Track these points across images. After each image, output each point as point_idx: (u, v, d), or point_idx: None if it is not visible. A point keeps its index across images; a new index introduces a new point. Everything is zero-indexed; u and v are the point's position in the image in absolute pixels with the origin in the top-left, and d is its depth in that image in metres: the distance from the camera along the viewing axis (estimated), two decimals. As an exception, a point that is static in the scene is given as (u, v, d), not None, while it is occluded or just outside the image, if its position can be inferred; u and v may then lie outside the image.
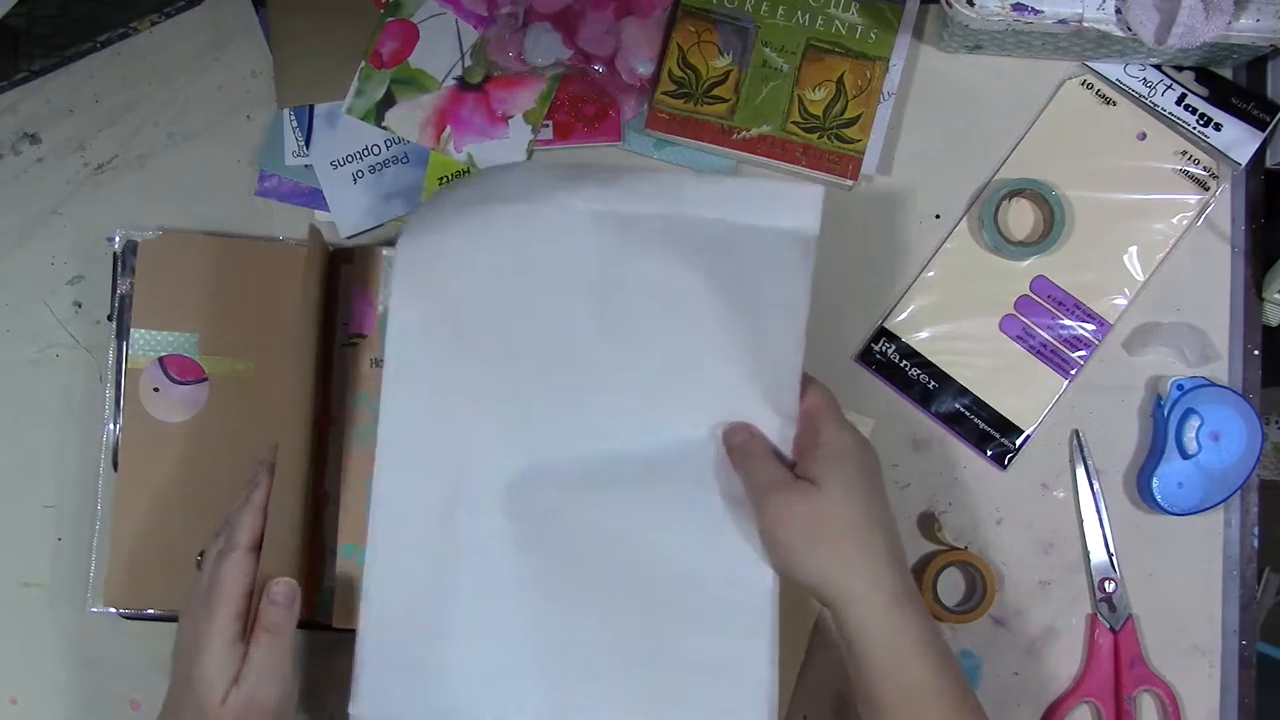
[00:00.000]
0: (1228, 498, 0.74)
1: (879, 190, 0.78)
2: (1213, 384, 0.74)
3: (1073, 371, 0.76)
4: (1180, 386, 0.74)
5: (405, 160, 0.78)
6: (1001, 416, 0.76)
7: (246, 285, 0.74)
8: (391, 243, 0.76)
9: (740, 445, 0.64)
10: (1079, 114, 0.77)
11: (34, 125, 0.79)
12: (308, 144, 0.78)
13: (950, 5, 0.69)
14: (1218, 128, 0.76)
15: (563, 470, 0.67)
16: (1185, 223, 0.76)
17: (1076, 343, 0.76)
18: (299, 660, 0.76)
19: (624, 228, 0.67)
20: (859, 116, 0.75)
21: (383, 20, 0.78)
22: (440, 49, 0.78)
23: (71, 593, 0.75)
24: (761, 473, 0.63)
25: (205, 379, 0.72)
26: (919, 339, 0.76)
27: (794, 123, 0.76)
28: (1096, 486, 0.76)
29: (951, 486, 0.76)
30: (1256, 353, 0.77)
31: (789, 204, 0.67)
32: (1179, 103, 0.76)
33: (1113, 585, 0.75)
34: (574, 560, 0.67)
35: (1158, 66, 0.76)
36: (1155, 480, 0.74)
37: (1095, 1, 0.68)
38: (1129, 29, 0.68)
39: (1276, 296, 0.76)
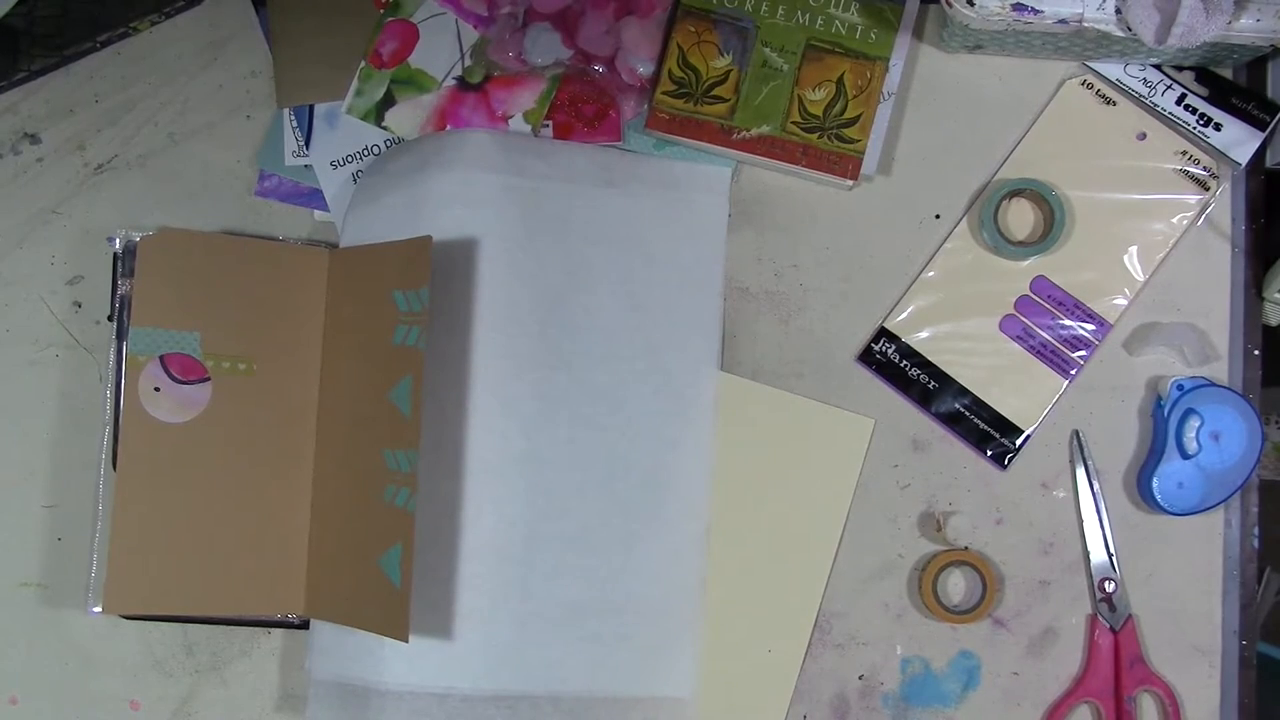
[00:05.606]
0: (1228, 498, 0.74)
1: (879, 190, 0.78)
2: (1213, 384, 0.74)
3: (1073, 371, 0.76)
4: (1180, 386, 0.74)
5: (405, 160, 0.78)
6: (1001, 416, 0.76)
7: (249, 284, 0.74)
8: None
9: None
10: (1079, 114, 0.77)
11: (34, 125, 0.79)
12: (308, 144, 0.78)
13: (950, 5, 0.69)
14: (1218, 128, 0.76)
15: (527, 429, 0.72)
16: (1185, 223, 0.76)
17: (1076, 343, 0.76)
18: (299, 660, 0.76)
19: (541, 200, 0.74)
20: (859, 116, 0.75)
21: (383, 20, 0.78)
22: (440, 49, 0.78)
23: (71, 593, 0.75)
24: None
25: (207, 378, 0.72)
26: (919, 339, 0.76)
27: (794, 123, 0.76)
28: (1096, 486, 0.76)
29: (951, 486, 0.76)
30: (1256, 353, 0.77)
31: (701, 182, 0.77)
32: (1179, 103, 0.76)
33: (1113, 585, 0.75)
34: (548, 518, 0.72)
35: (1158, 66, 0.76)
36: (1155, 480, 0.74)
37: (1095, 1, 0.68)
38: (1129, 29, 0.68)
39: (1276, 296, 0.76)
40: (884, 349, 0.77)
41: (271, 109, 0.79)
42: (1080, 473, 0.76)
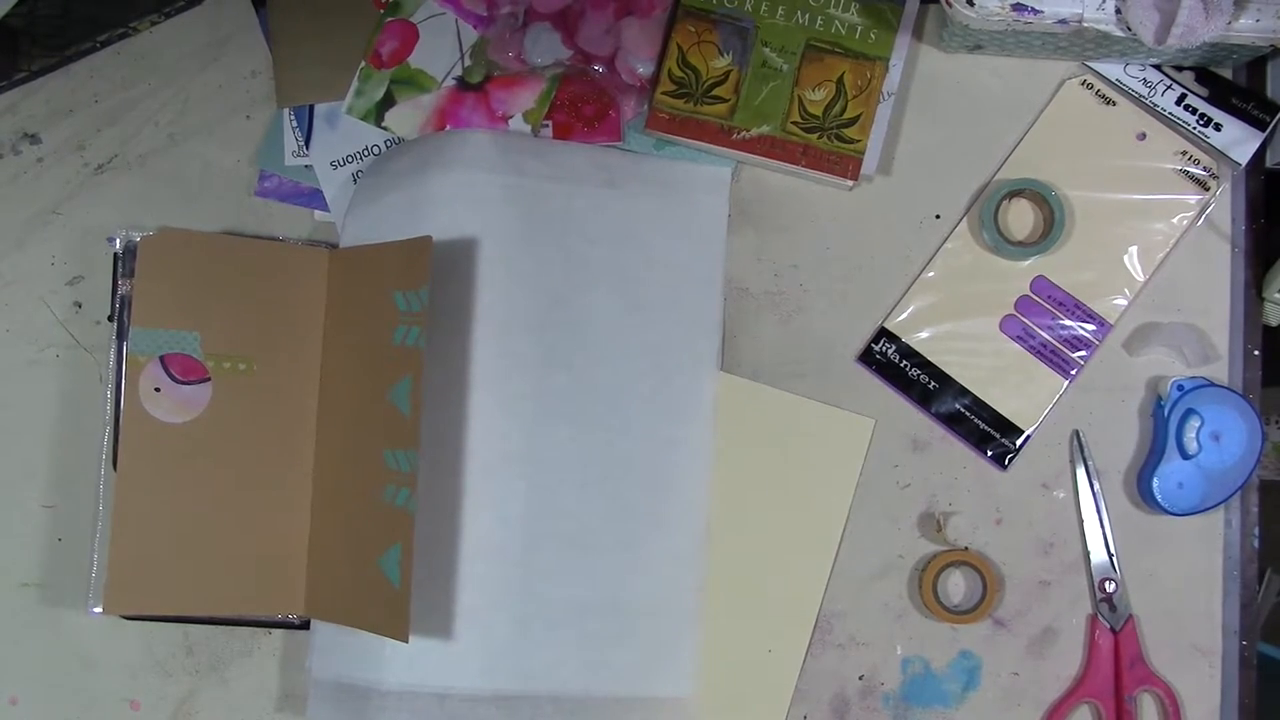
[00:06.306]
0: (1228, 498, 0.74)
1: (879, 190, 0.78)
2: (1213, 384, 0.74)
3: (1073, 371, 0.76)
4: (1180, 387, 0.74)
5: (405, 160, 0.78)
6: (1001, 416, 0.76)
7: (249, 284, 0.74)
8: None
9: None
10: (1079, 114, 0.77)
11: (34, 125, 0.79)
12: (308, 144, 0.78)
13: (950, 5, 0.69)
14: (1218, 128, 0.76)
15: (527, 429, 0.72)
16: (1185, 223, 0.76)
17: (1076, 343, 0.76)
18: (299, 660, 0.76)
19: (540, 200, 0.74)
20: (859, 116, 0.75)
21: (383, 20, 0.78)
22: (440, 49, 0.78)
23: (71, 593, 0.75)
24: None
25: (207, 378, 0.72)
26: (919, 339, 0.76)
27: (794, 123, 0.76)
28: (1096, 486, 0.76)
29: (951, 486, 0.76)
30: (1256, 353, 0.77)
31: (701, 182, 0.77)
32: (1179, 103, 0.76)
33: (1113, 585, 0.75)
34: (548, 518, 0.72)
35: (1158, 66, 0.76)
36: (1155, 480, 0.73)
37: (1095, 1, 0.68)
38: (1129, 29, 0.68)
39: (1276, 296, 0.76)
40: (884, 349, 0.77)
41: (271, 109, 0.79)
42: (1080, 473, 0.76)
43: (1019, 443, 0.76)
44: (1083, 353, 0.76)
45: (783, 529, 0.75)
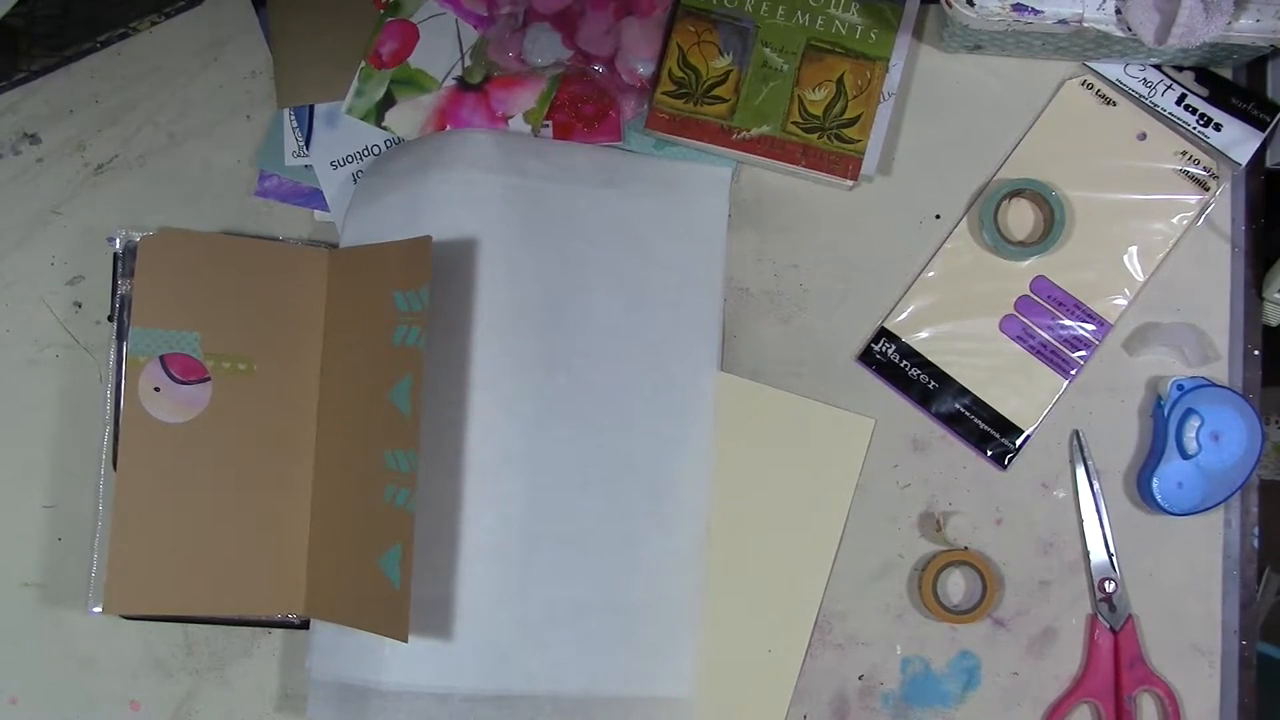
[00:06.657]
0: (1228, 498, 0.74)
1: (879, 190, 0.78)
2: (1213, 384, 0.74)
3: (1073, 371, 0.76)
4: (1180, 386, 0.74)
5: (405, 160, 0.78)
6: (1001, 416, 0.76)
7: (249, 284, 0.74)
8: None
9: None
10: (1079, 114, 0.77)
11: (34, 125, 0.79)
12: (308, 144, 0.78)
13: (950, 5, 0.69)
14: (1218, 128, 0.76)
15: (527, 429, 0.72)
16: (1185, 223, 0.76)
17: (1076, 343, 0.76)
18: (299, 660, 0.76)
19: (540, 200, 0.74)
20: (859, 116, 0.75)
21: (383, 20, 0.78)
22: (440, 49, 0.78)
23: (71, 593, 0.75)
24: None
25: (207, 378, 0.72)
26: (919, 339, 0.76)
27: (794, 123, 0.76)
28: (1096, 486, 0.76)
29: (951, 486, 0.76)
30: (1256, 353, 0.77)
31: (701, 182, 0.77)
32: (1179, 103, 0.76)
33: (1113, 585, 0.75)
34: (548, 518, 0.72)
35: (1158, 67, 0.76)
36: (1155, 480, 0.74)
37: (1095, 1, 0.68)
38: (1129, 29, 0.68)
39: (1276, 296, 0.76)
40: (884, 349, 0.77)
41: (271, 109, 0.79)
42: (1080, 473, 0.76)
43: (1019, 443, 0.76)
44: (1082, 353, 0.76)
45: (783, 529, 0.75)
